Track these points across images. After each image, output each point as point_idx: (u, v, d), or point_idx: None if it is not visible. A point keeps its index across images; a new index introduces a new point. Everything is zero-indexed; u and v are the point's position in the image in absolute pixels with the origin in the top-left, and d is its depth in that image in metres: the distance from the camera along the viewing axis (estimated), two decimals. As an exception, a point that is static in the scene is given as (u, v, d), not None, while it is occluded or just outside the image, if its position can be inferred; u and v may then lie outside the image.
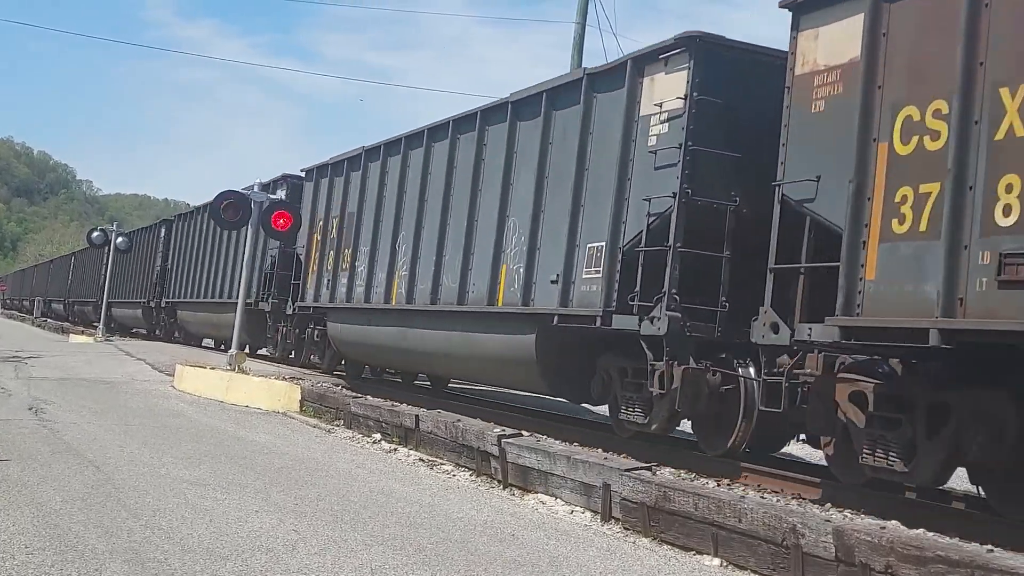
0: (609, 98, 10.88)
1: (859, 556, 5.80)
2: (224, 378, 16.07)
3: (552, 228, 11.54)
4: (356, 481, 9.06)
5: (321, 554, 6.14)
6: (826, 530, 6.07)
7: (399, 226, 15.46)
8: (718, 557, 6.79)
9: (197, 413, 13.64)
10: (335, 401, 13.76)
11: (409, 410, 11.90)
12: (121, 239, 35.77)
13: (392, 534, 6.87)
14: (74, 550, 5.81)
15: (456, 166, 14.03)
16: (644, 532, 7.44)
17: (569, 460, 8.53)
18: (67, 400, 13.93)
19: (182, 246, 30.42)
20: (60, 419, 11.74)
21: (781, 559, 6.32)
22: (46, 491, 7.44)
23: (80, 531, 6.29)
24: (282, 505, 7.58)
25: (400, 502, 8.11)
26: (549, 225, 11.64)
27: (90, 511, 6.88)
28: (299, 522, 7.01)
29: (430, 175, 14.73)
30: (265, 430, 12.38)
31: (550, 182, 11.78)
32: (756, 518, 6.55)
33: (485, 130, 13.29)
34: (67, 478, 8.03)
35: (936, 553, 5.46)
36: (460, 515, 7.79)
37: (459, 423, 10.49)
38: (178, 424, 12.22)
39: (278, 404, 14.83)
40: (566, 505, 8.41)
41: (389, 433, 11.81)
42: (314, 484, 8.65)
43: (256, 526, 6.78)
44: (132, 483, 8.02)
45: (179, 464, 9.17)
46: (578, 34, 22.47)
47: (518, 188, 12.39)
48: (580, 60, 22.25)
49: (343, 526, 7.01)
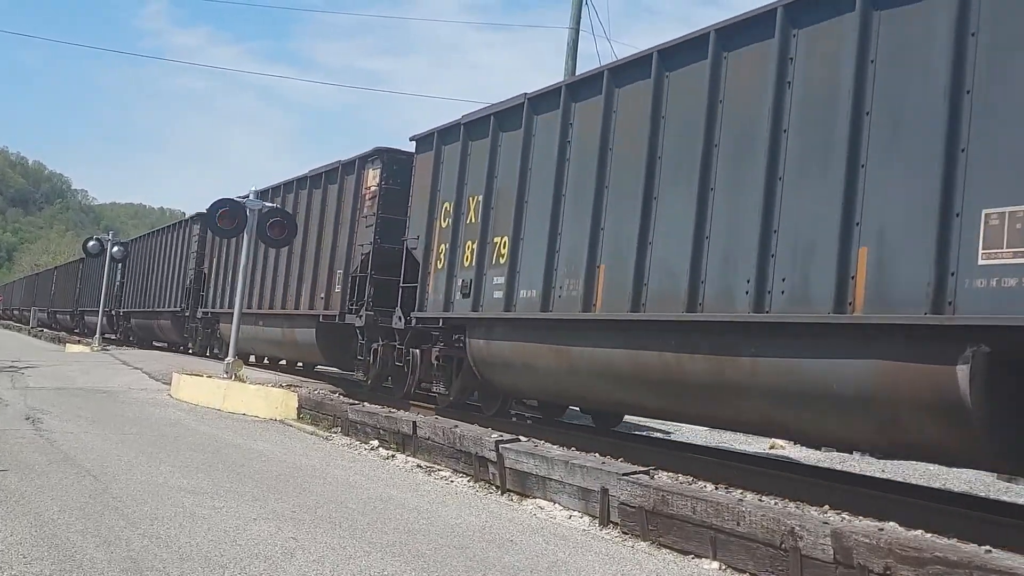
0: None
1: (857, 558, 5.81)
2: (221, 386, 16.06)
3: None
4: (354, 488, 9.05)
5: (319, 561, 6.14)
6: (824, 532, 6.07)
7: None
8: (717, 560, 6.79)
9: (194, 422, 13.62)
10: (332, 408, 13.74)
11: (406, 416, 11.89)
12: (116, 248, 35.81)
13: (390, 541, 6.87)
14: (72, 560, 5.80)
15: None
16: (642, 536, 7.44)
17: (567, 465, 8.53)
18: (64, 410, 13.90)
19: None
20: (57, 429, 11.72)
21: (780, 562, 6.32)
22: (43, 501, 7.43)
23: (78, 540, 6.27)
24: (280, 513, 7.57)
25: (398, 508, 8.10)
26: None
27: (88, 520, 6.87)
28: (297, 529, 7.00)
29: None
30: (262, 438, 12.37)
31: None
32: (754, 521, 6.55)
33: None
34: (64, 488, 8.01)
35: (934, 554, 5.46)
36: (458, 521, 7.79)
37: (456, 429, 10.49)
38: (175, 433, 12.21)
39: (275, 412, 14.82)
40: (564, 510, 8.40)
41: (387, 440, 11.80)
42: (312, 491, 8.64)
43: (254, 534, 6.77)
44: (130, 492, 8.01)
45: (176, 473, 9.16)
46: (572, 40, 22.49)
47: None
48: (574, 66, 22.28)
49: (341, 533, 7.00)
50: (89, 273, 43.88)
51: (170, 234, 32.48)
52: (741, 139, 9.21)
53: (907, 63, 7.74)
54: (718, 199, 9.33)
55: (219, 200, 17.98)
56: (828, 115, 8.26)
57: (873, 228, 7.70)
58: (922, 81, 7.57)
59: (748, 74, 9.23)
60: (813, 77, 8.54)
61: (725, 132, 9.39)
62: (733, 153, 9.28)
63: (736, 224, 9.05)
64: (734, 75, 9.42)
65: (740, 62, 9.37)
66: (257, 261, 22.15)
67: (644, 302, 10.08)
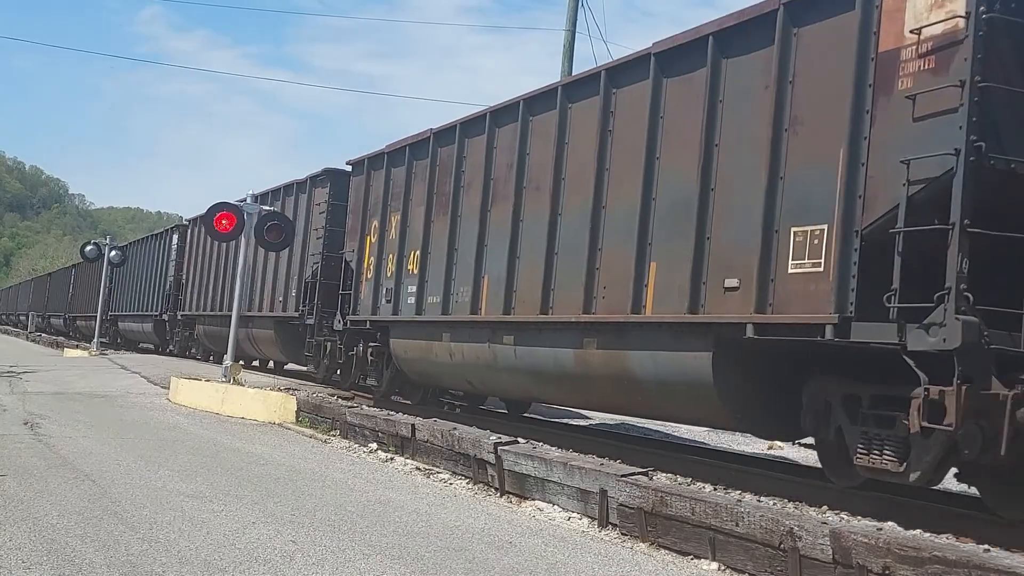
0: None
1: (856, 558, 5.82)
2: (219, 390, 16.06)
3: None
4: (353, 491, 9.05)
5: (319, 564, 6.14)
6: (823, 532, 6.08)
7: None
8: (716, 561, 6.80)
9: (193, 425, 13.62)
10: (331, 411, 13.75)
11: (405, 419, 11.90)
12: (114, 252, 35.78)
13: (389, 543, 6.87)
14: (72, 564, 5.80)
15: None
16: (641, 537, 7.45)
17: (566, 467, 8.53)
18: (62, 414, 13.90)
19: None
20: (56, 433, 11.72)
21: (779, 562, 6.33)
22: (43, 506, 7.43)
23: (77, 545, 6.28)
24: (279, 516, 7.57)
25: (397, 511, 8.11)
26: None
27: (87, 525, 6.87)
28: (296, 533, 7.01)
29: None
30: (261, 441, 12.38)
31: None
32: (753, 522, 6.56)
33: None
34: (63, 492, 8.01)
35: (933, 553, 5.47)
36: (457, 523, 7.80)
37: (455, 431, 10.49)
38: (174, 437, 12.21)
39: (274, 415, 14.83)
40: (563, 511, 8.41)
41: (385, 443, 11.80)
42: (311, 494, 8.64)
43: (253, 537, 6.77)
44: (129, 496, 8.02)
45: (175, 477, 9.16)
46: (568, 42, 22.53)
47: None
48: (570, 67, 22.31)
49: (340, 536, 7.01)
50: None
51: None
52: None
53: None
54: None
55: (217, 204, 18.08)
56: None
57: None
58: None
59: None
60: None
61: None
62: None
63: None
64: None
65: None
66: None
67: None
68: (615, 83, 10.45)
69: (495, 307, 12.22)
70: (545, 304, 11.17)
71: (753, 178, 8.31)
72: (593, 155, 10.55)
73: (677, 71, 9.56)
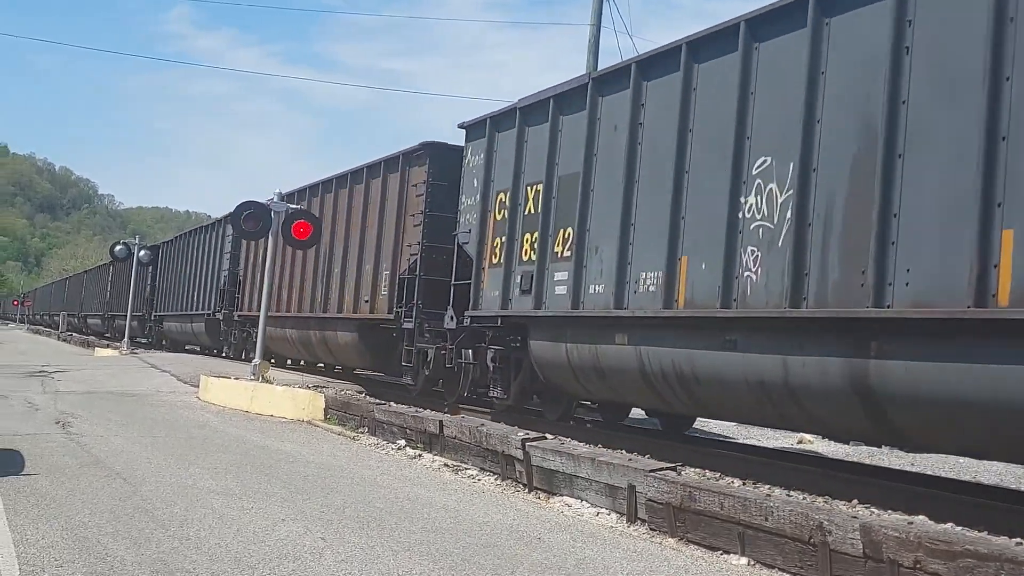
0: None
1: (887, 552, 5.77)
2: (248, 388, 16.14)
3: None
4: (381, 488, 9.08)
5: (348, 561, 6.16)
6: (853, 527, 6.04)
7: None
8: (745, 556, 6.77)
9: (222, 424, 13.70)
10: (359, 408, 13.78)
11: (433, 416, 11.90)
12: (144, 252, 36.05)
13: (418, 540, 6.89)
14: (103, 562, 5.85)
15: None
16: (670, 532, 7.43)
17: (594, 462, 8.52)
18: (93, 413, 14.02)
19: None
20: (87, 432, 11.83)
21: (808, 557, 6.29)
22: (74, 504, 7.50)
23: (109, 543, 6.33)
24: (308, 513, 7.60)
25: (425, 508, 8.12)
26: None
27: (118, 523, 6.92)
28: (325, 530, 7.03)
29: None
30: (290, 439, 12.43)
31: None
32: (782, 516, 6.53)
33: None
34: (95, 491, 8.08)
35: (965, 547, 5.42)
36: (486, 519, 7.80)
37: (483, 427, 10.50)
38: (204, 435, 12.29)
39: (302, 413, 14.88)
40: (591, 507, 8.40)
41: (413, 439, 11.82)
42: (339, 491, 8.67)
43: (283, 534, 6.81)
44: (159, 494, 8.07)
45: (206, 474, 9.22)
46: (593, 36, 22.46)
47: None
48: (596, 62, 22.24)
49: (369, 533, 7.03)
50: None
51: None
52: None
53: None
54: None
55: (244, 202, 18.09)
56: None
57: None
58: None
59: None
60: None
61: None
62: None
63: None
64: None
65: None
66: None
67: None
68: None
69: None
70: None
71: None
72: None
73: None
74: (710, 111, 9.98)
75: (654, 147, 10.73)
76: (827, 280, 8.34)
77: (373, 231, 18.27)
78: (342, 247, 19.59)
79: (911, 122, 7.73)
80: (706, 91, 10.10)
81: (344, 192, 20.02)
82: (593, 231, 11.62)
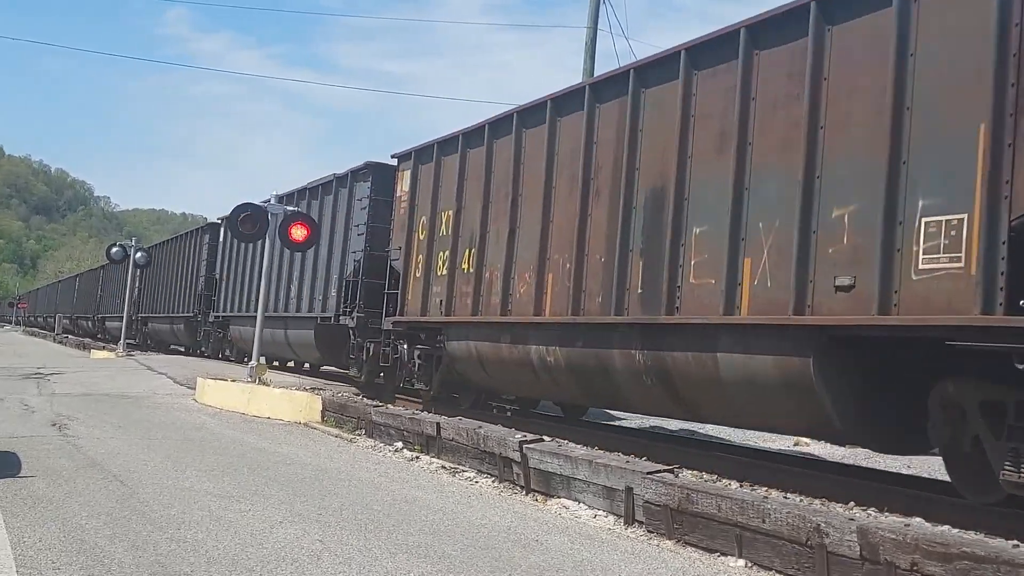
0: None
1: (884, 554, 5.79)
2: (245, 390, 16.14)
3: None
4: (379, 490, 9.08)
5: (346, 563, 6.16)
6: (850, 529, 6.05)
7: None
8: (742, 558, 6.78)
9: (219, 426, 13.70)
10: (356, 411, 13.78)
11: (430, 418, 11.92)
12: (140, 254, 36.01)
13: (416, 542, 6.89)
14: (100, 564, 5.84)
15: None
16: (668, 534, 7.44)
17: (591, 464, 8.53)
18: (90, 415, 14.01)
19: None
20: (83, 434, 11.82)
21: (806, 559, 6.30)
22: (72, 506, 7.49)
23: (106, 545, 6.32)
24: (306, 515, 7.60)
25: (423, 510, 8.12)
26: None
27: (116, 525, 6.92)
28: (323, 532, 7.03)
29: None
30: (287, 441, 12.43)
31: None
32: (780, 518, 6.54)
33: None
34: (92, 493, 8.08)
35: (962, 549, 5.44)
36: (483, 521, 7.80)
37: (480, 430, 10.50)
38: (201, 437, 12.28)
39: (299, 415, 14.89)
40: (589, 509, 8.41)
41: (411, 441, 11.83)
42: (337, 494, 8.67)
43: (281, 537, 6.81)
44: (156, 496, 8.07)
45: (203, 477, 9.21)
46: (590, 39, 22.45)
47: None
48: (592, 65, 22.24)
49: (367, 535, 7.03)
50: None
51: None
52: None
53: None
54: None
55: (240, 205, 18.09)
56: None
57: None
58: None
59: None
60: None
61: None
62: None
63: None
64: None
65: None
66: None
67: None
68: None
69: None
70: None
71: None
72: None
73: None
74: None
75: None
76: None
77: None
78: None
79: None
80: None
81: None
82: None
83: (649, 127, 10.76)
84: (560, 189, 12.22)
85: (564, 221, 12.01)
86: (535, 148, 12.78)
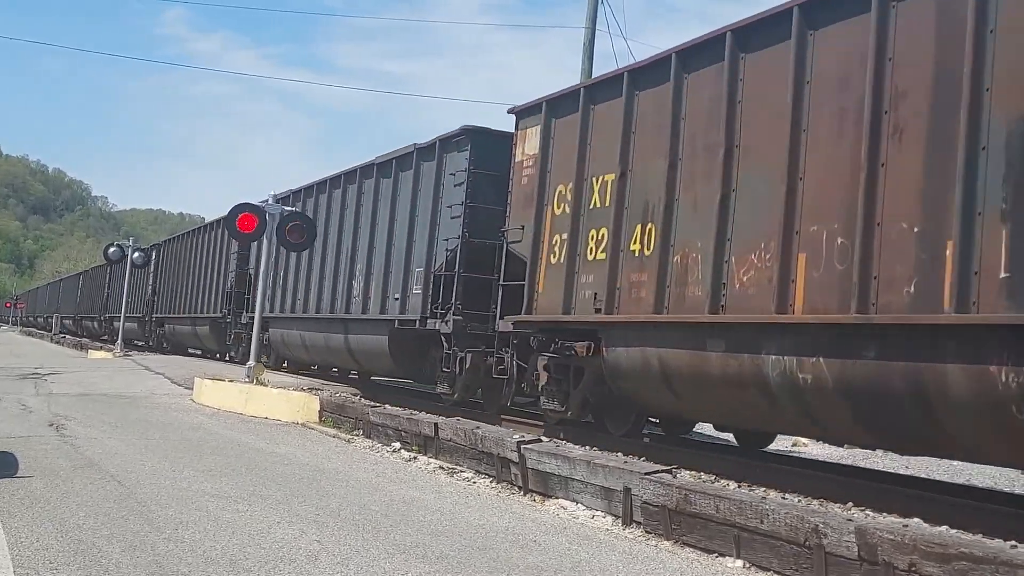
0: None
1: (882, 555, 5.78)
2: (243, 391, 16.12)
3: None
4: (377, 490, 9.07)
5: (344, 564, 6.16)
6: (848, 529, 6.05)
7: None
8: (741, 559, 6.78)
9: (217, 426, 13.68)
10: (354, 411, 13.77)
11: (428, 418, 11.91)
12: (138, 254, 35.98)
13: (414, 542, 6.88)
14: (98, 564, 5.83)
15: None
16: (666, 535, 7.43)
17: (589, 465, 8.52)
18: (87, 415, 13.99)
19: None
20: (81, 434, 11.80)
21: (804, 559, 6.30)
22: (69, 506, 7.48)
23: (103, 546, 6.31)
24: (304, 516, 7.59)
25: (421, 510, 8.12)
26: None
27: (113, 525, 6.91)
28: (321, 532, 7.03)
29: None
30: (285, 441, 12.42)
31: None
32: (778, 519, 6.54)
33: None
34: (89, 493, 8.06)
35: (960, 550, 5.43)
36: (481, 522, 7.80)
37: (478, 430, 10.50)
38: (198, 437, 12.27)
39: (297, 415, 14.87)
40: (587, 510, 8.40)
41: (409, 442, 11.82)
42: (335, 494, 8.66)
43: (278, 537, 6.80)
44: (154, 497, 8.06)
45: (200, 477, 9.20)
46: (588, 39, 22.48)
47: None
48: (590, 66, 22.26)
49: (365, 535, 7.02)
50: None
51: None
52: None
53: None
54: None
55: (238, 205, 18.03)
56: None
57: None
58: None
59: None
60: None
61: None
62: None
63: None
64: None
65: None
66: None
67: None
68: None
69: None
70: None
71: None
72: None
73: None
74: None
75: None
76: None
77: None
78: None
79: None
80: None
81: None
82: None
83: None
84: (817, 131, 8.74)
85: (828, 177, 8.56)
86: (767, 77, 9.39)
